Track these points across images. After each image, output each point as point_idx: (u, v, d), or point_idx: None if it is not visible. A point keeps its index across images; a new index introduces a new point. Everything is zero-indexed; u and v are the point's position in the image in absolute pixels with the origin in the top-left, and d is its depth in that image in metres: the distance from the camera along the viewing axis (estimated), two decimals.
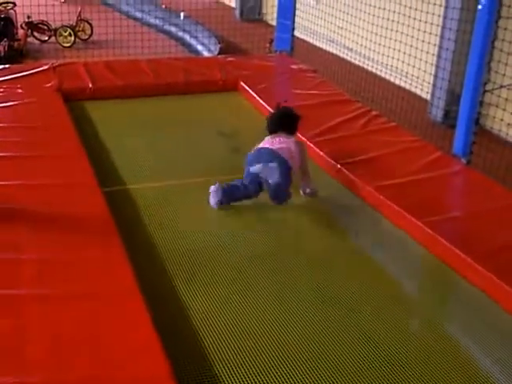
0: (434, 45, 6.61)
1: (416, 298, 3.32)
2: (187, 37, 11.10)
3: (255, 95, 5.77)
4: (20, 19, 10.52)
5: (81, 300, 2.78)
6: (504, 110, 5.21)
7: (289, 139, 4.11)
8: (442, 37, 6.62)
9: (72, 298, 2.79)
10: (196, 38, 10.71)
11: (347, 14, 7.65)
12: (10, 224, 3.36)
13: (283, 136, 4.12)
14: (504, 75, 5.11)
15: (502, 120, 5.21)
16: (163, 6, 12.18)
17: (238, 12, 13.05)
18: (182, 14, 11.54)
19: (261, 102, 5.62)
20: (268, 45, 8.29)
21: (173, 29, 11.59)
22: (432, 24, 6.30)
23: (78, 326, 2.61)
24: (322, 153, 4.60)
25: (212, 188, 3.87)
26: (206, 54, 9.84)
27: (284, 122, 4.24)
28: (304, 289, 3.20)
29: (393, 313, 3.08)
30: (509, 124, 5.46)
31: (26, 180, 3.85)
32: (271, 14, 8.89)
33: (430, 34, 6.34)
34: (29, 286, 2.85)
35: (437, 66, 6.71)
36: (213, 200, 3.87)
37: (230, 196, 3.89)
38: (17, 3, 10.22)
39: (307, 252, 3.58)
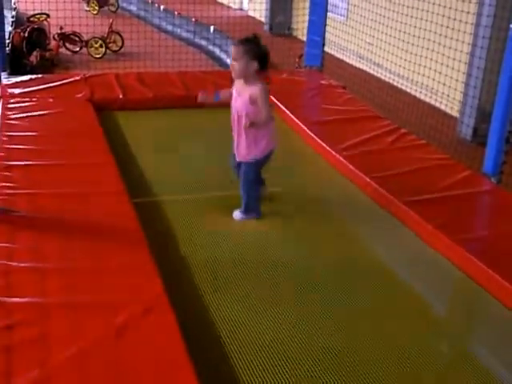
0: (465, 63, 6.57)
1: (444, 316, 3.29)
2: (217, 50, 11.19)
3: (285, 109, 5.79)
4: (53, 30, 10.72)
5: (108, 310, 2.78)
6: None
7: (253, 86, 3.70)
8: (472, 55, 6.58)
9: (99, 307, 2.80)
10: (226, 51, 10.79)
11: (377, 30, 7.65)
12: (38, 232, 3.40)
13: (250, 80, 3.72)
14: None
15: None
16: (176, 13, 12.20)
17: (267, 26, 13.13)
18: (212, 28, 11.65)
19: (291, 116, 5.63)
20: (298, 60, 8.31)
21: (203, 42, 11.71)
22: (463, 42, 6.28)
23: (103, 336, 2.62)
24: (351, 166, 4.61)
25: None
26: None
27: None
28: (330, 300, 3.20)
29: (420, 329, 3.04)
30: None
31: (56, 188, 3.88)
32: (301, 29, 8.93)
33: (461, 51, 6.31)
34: (55, 295, 2.87)
35: (467, 84, 6.66)
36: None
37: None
38: (50, 15, 10.41)
39: (332, 264, 3.56)
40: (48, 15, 10.59)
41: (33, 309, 2.76)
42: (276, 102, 5.96)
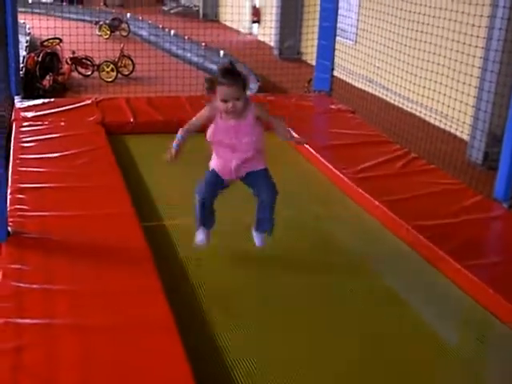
0: (475, 87, 6.58)
1: (457, 344, 3.24)
2: None
3: (294, 134, 5.78)
4: (65, 54, 10.85)
5: (114, 331, 2.79)
6: None
7: (248, 107, 3.43)
8: (482, 79, 6.59)
9: (106, 329, 2.80)
10: None
11: (386, 54, 7.69)
12: (48, 254, 3.41)
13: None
14: None
15: None
16: (186, 38, 12.29)
17: (276, 51, 13.24)
18: (221, 52, 11.75)
19: None
20: (307, 84, 8.36)
21: (213, 66, 11.80)
22: (473, 66, 6.30)
23: (110, 358, 2.62)
24: (360, 189, 4.61)
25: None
26: None
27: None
28: (341, 326, 3.19)
29: (434, 355, 3.02)
30: None
31: (67, 211, 3.91)
32: (310, 53, 8.98)
33: (471, 76, 6.32)
34: (64, 317, 2.88)
35: (477, 108, 6.66)
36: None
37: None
38: (63, 39, 10.55)
39: (341, 289, 3.55)
40: (61, 40, 10.74)
41: (41, 330, 2.77)
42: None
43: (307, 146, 5.47)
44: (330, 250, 4.02)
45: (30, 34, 12.72)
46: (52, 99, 6.51)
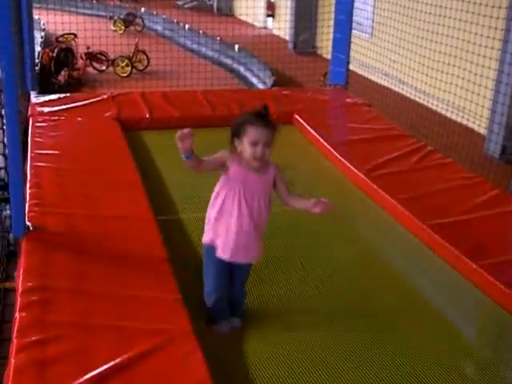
0: (492, 79, 6.52)
1: (471, 341, 3.23)
2: (242, 69, 11.27)
3: (310, 129, 5.78)
4: (80, 50, 10.89)
5: (130, 336, 2.77)
6: None
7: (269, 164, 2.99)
8: (500, 71, 6.52)
9: (117, 330, 2.80)
10: (251, 70, 10.86)
11: (402, 47, 7.63)
12: (67, 248, 3.43)
13: None
14: None
15: None
16: (201, 32, 12.26)
17: (291, 45, 13.19)
18: (236, 47, 11.73)
19: (315, 135, 5.62)
20: (322, 78, 8.31)
21: (228, 61, 11.80)
22: (490, 58, 6.23)
23: (124, 362, 2.60)
24: (375, 186, 4.57)
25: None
26: (260, 86, 9.95)
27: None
28: (356, 329, 3.16)
29: (447, 355, 3.00)
30: None
31: (83, 206, 3.92)
32: (326, 47, 8.95)
33: (489, 68, 6.26)
34: (84, 312, 2.90)
35: (494, 101, 6.60)
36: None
37: None
38: (77, 35, 10.59)
39: (353, 287, 3.54)
40: (75, 35, 10.78)
41: (64, 324, 2.79)
42: (301, 120, 5.96)
43: (323, 141, 5.45)
44: (345, 246, 4.00)
45: (44, 29, 12.77)
46: (68, 94, 6.52)
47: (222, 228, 2.90)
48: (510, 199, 4.46)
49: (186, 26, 13.73)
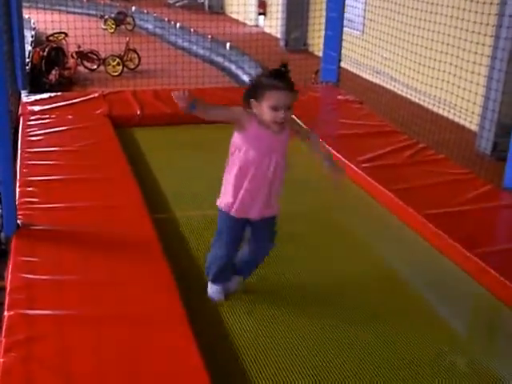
0: (484, 76, 6.53)
1: (464, 331, 3.26)
2: (233, 67, 11.25)
3: (302, 125, 5.75)
4: (71, 49, 10.84)
5: (125, 322, 2.79)
6: None
7: None
8: (491, 67, 6.53)
9: (116, 319, 2.81)
10: (242, 68, 10.83)
11: (393, 44, 7.64)
12: (58, 246, 3.41)
13: None
14: None
15: None
16: (192, 30, 12.20)
17: (283, 43, 13.18)
18: (228, 45, 11.71)
19: None
20: (314, 75, 8.31)
21: (219, 59, 11.77)
22: (482, 55, 6.24)
23: (121, 348, 2.62)
24: (369, 178, 4.62)
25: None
26: None
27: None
28: (350, 312, 3.18)
29: (438, 343, 3.02)
30: None
31: (76, 203, 3.91)
32: (317, 44, 8.93)
33: (480, 65, 6.26)
34: (74, 307, 2.89)
35: (486, 98, 6.60)
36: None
37: None
38: (68, 33, 10.53)
39: (346, 277, 3.56)
40: (66, 34, 10.72)
41: (53, 322, 2.78)
42: (293, 117, 5.93)
43: None
44: (339, 237, 4.02)
45: (35, 28, 12.69)
46: (58, 93, 6.50)
47: (242, 186, 2.85)
48: (503, 195, 4.48)
49: (177, 25, 13.69)
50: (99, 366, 2.51)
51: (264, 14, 15.64)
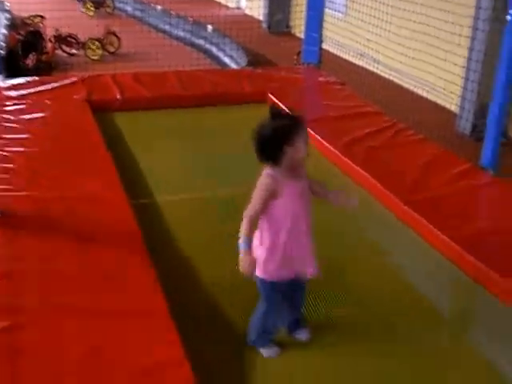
0: (464, 57, 6.54)
1: (441, 312, 3.27)
2: (215, 49, 11.18)
3: (283, 107, 5.74)
4: (49, 32, 10.69)
5: (106, 312, 2.78)
6: None
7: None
8: (471, 48, 6.55)
9: (97, 309, 2.80)
10: (223, 50, 10.77)
11: (376, 26, 7.62)
12: (36, 234, 3.38)
13: None
14: None
15: None
16: (173, 13, 12.10)
17: (265, 25, 13.10)
18: (209, 27, 11.62)
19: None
20: (296, 57, 8.29)
21: (201, 41, 11.68)
22: (461, 36, 6.24)
23: (103, 338, 2.62)
24: (350, 162, 4.61)
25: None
26: (233, 66, 9.88)
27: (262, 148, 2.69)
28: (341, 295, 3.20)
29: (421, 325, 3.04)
30: None
31: (55, 190, 3.87)
32: (299, 26, 8.88)
33: (459, 45, 6.27)
34: (55, 296, 2.87)
35: (466, 79, 6.63)
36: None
37: None
38: (46, 16, 10.37)
39: (331, 261, 3.52)
40: (43, 17, 10.56)
41: (34, 311, 2.77)
42: (274, 99, 5.93)
43: None
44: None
45: (9, 11, 12.46)
46: (36, 78, 6.41)
47: (282, 248, 2.63)
48: (480, 173, 4.52)
49: (158, 7, 13.55)
50: (82, 355, 2.51)
51: None
